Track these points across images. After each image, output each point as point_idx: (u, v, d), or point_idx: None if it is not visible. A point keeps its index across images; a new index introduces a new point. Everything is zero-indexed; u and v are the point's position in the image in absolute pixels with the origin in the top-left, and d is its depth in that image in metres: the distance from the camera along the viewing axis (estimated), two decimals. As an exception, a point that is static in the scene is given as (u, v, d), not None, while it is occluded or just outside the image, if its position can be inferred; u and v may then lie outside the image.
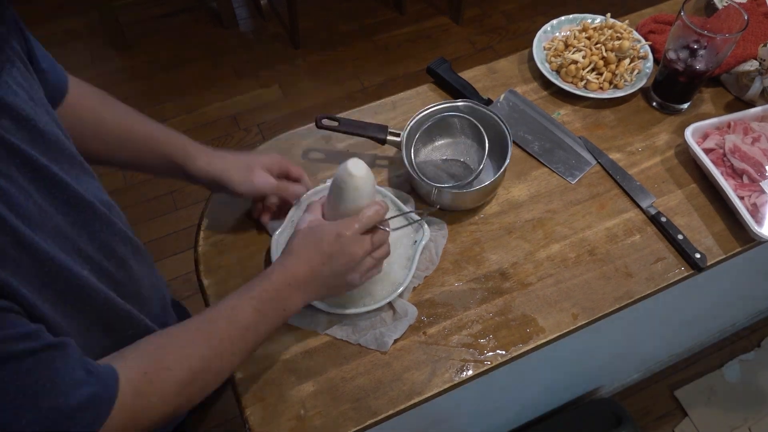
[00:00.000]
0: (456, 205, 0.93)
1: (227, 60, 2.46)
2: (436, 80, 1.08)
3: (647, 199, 0.95)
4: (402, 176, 0.97)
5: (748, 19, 0.91)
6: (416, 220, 0.87)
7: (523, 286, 0.87)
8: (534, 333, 0.83)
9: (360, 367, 0.80)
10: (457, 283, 0.87)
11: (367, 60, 2.47)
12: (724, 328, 1.75)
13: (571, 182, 0.98)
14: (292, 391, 0.78)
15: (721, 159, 0.95)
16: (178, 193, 2.07)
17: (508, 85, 1.09)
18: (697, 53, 0.96)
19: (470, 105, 0.95)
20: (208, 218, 0.93)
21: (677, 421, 1.65)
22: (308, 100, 2.34)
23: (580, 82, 1.06)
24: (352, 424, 0.75)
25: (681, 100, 1.05)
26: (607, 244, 0.91)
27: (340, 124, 0.93)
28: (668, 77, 1.02)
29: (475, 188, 0.87)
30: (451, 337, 0.82)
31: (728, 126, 0.99)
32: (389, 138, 0.93)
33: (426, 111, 0.94)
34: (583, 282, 0.87)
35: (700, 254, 0.88)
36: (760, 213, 0.90)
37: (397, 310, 0.83)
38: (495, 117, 0.93)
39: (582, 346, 1.10)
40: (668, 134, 1.03)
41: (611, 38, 1.09)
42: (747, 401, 1.68)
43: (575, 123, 1.05)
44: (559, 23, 1.15)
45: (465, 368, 0.80)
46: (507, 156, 0.90)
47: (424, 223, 0.86)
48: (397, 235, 0.85)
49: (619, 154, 1.01)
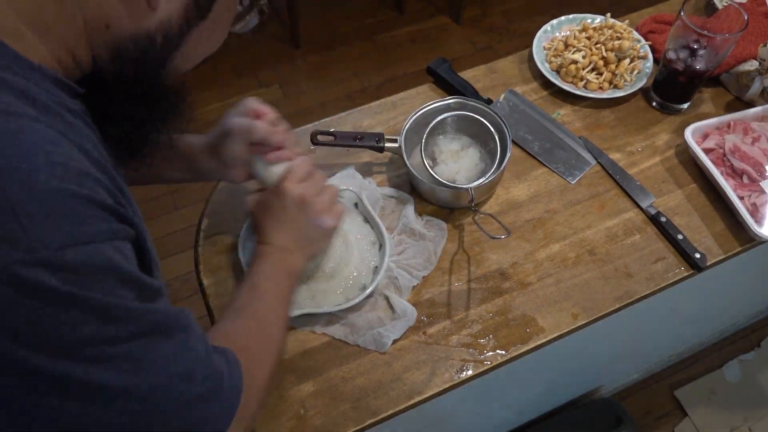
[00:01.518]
0: (455, 203, 0.93)
1: (227, 60, 2.46)
2: (436, 80, 1.08)
3: (647, 199, 0.95)
4: (402, 176, 0.97)
5: (748, 19, 0.91)
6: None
7: (523, 286, 0.87)
8: (534, 333, 0.83)
9: (360, 366, 0.80)
10: (457, 282, 0.87)
11: (367, 60, 2.47)
12: (724, 328, 1.75)
13: (571, 182, 0.98)
14: (292, 390, 0.78)
15: (721, 159, 0.95)
16: (178, 193, 2.07)
17: (508, 85, 1.09)
18: (697, 53, 0.96)
19: (468, 103, 0.95)
20: (208, 218, 0.93)
21: (677, 421, 1.65)
22: (308, 100, 2.34)
23: (580, 82, 1.06)
24: (352, 424, 0.75)
25: (681, 99, 1.05)
26: (607, 244, 0.91)
27: (336, 138, 0.93)
28: (668, 77, 1.02)
29: (474, 185, 0.87)
30: (451, 337, 0.82)
31: (728, 126, 0.99)
32: (387, 145, 0.93)
33: (423, 110, 0.94)
34: (583, 282, 0.87)
35: (700, 254, 0.88)
36: (759, 213, 0.90)
37: (396, 311, 0.83)
38: (493, 114, 0.93)
39: (582, 345, 1.10)
40: (668, 134, 1.03)
41: (611, 38, 1.09)
42: (747, 401, 1.68)
43: (575, 123, 1.05)
44: (559, 23, 1.15)
45: (465, 368, 0.80)
46: (507, 153, 0.90)
47: (387, 239, 0.86)
48: (355, 236, 0.87)
49: (618, 154, 1.01)
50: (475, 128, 0.94)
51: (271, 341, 0.67)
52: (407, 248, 0.89)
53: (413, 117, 0.94)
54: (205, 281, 0.87)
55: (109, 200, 0.46)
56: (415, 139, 0.94)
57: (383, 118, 1.05)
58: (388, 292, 0.85)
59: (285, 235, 0.74)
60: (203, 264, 0.89)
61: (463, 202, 0.91)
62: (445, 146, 0.96)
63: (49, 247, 0.39)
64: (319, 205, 0.75)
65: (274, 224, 0.75)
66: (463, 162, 0.94)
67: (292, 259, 0.74)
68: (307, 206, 0.74)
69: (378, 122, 1.04)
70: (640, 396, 1.69)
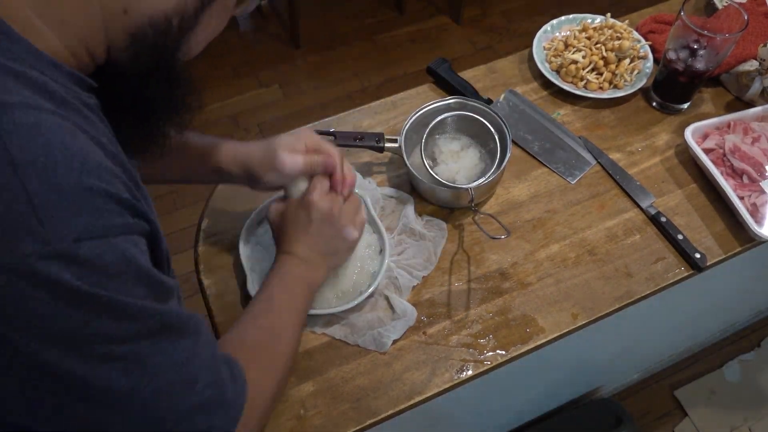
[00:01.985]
0: (455, 203, 0.93)
1: (227, 60, 2.46)
2: (436, 80, 1.08)
3: (647, 199, 0.95)
4: (402, 176, 0.97)
5: (748, 19, 0.91)
6: None
7: (523, 286, 0.87)
8: (534, 333, 0.83)
9: (360, 367, 0.79)
10: (457, 282, 0.87)
11: (367, 60, 2.47)
12: (724, 328, 1.75)
13: (571, 182, 0.98)
14: (292, 391, 0.78)
15: (721, 159, 0.95)
16: (178, 193, 2.07)
17: (508, 85, 1.09)
18: (697, 53, 0.96)
19: (468, 103, 0.95)
20: (208, 218, 0.93)
21: (677, 421, 1.65)
22: (308, 100, 2.34)
23: (580, 82, 1.06)
24: (352, 424, 0.75)
25: (681, 99, 1.05)
26: (606, 244, 0.91)
27: (336, 138, 0.93)
28: (668, 77, 1.02)
29: (474, 185, 0.87)
30: (451, 337, 0.82)
31: (728, 126, 0.98)
32: (387, 145, 0.93)
33: (423, 110, 0.94)
34: (583, 282, 0.87)
35: (700, 254, 0.88)
36: (759, 213, 0.90)
37: (396, 311, 0.83)
38: (493, 114, 0.93)
39: (582, 346, 1.10)
40: (668, 134, 1.03)
41: (611, 38, 1.09)
42: (747, 401, 1.68)
43: (575, 123, 1.05)
44: (559, 23, 1.15)
45: (465, 368, 0.80)
46: (507, 153, 0.90)
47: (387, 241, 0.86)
48: None
49: (618, 154, 1.01)
50: (476, 128, 0.94)
51: (280, 357, 0.66)
52: (407, 248, 0.89)
53: (413, 117, 0.94)
54: (205, 281, 0.87)
55: (126, 194, 0.46)
56: (415, 138, 0.94)
57: (383, 118, 1.05)
58: (388, 292, 0.85)
59: (309, 247, 0.73)
60: (203, 264, 0.89)
61: (463, 202, 0.91)
62: (445, 146, 0.96)
63: (64, 239, 0.40)
64: (344, 217, 0.75)
65: (299, 236, 0.73)
66: (463, 162, 0.94)
67: (315, 271, 0.74)
68: (334, 219, 0.74)
69: (378, 122, 1.04)
70: (640, 396, 1.69)
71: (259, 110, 2.30)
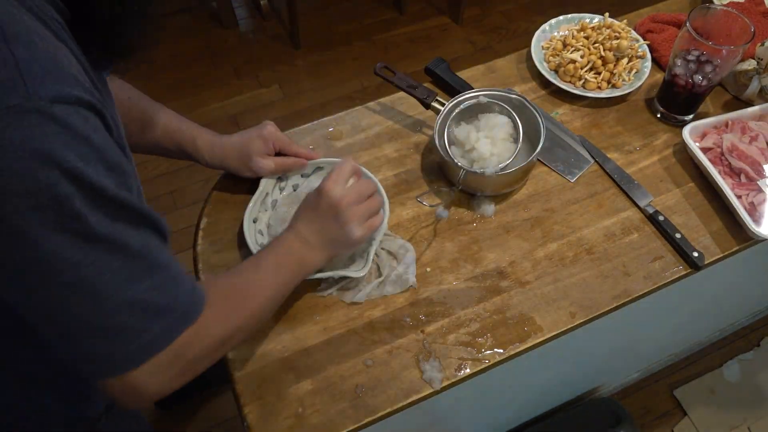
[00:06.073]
0: (481, 189, 0.94)
1: (227, 60, 2.46)
2: (435, 80, 1.09)
3: (645, 197, 0.95)
4: (431, 161, 0.99)
5: (755, 31, 0.91)
6: None
7: (521, 285, 0.87)
8: (532, 332, 0.83)
9: (358, 365, 0.80)
10: (455, 281, 0.87)
11: (367, 60, 2.47)
12: (724, 328, 1.75)
13: (570, 181, 0.98)
14: (290, 389, 0.78)
15: (718, 158, 0.95)
16: (178, 193, 2.08)
17: (507, 85, 1.09)
18: (703, 67, 0.95)
19: (504, 95, 0.96)
20: (207, 218, 0.94)
21: (676, 421, 1.65)
22: (308, 100, 2.34)
23: (579, 81, 1.07)
24: (351, 423, 0.75)
25: (686, 111, 1.04)
26: (605, 242, 0.91)
27: (395, 75, 1.00)
28: (674, 90, 1.00)
29: (505, 173, 0.88)
30: (449, 336, 0.82)
31: (726, 125, 0.99)
32: (433, 104, 0.97)
33: (468, 94, 0.96)
34: (581, 280, 0.87)
35: (698, 253, 0.88)
36: (757, 212, 0.90)
37: (396, 254, 0.87)
38: (527, 105, 0.94)
39: (580, 345, 1.11)
40: (666, 133, 1.03)
41: (609, 38, 1.09)
42: (746, 401, 1.68)
43: (574, 122, 1.05)
44: (558, 23, 1.15)
45: (463, 367, 0.80)
46: (539, 143, 0.91)
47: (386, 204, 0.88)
48: None
49: (617, 153, 1.01)
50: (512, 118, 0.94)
51: (242, 312, 0.67)
52: None
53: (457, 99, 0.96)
54: (204, 280, 0.88)
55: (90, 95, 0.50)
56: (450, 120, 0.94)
57: (383, 117, 1.05)
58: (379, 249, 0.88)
59: (312, 231, 0.75)
60: (202, 263, 0.89)
61: (489, 189, 0.94)
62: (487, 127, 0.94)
63: (42, 98, 0.45)
64: (352, 213, 0.75)
65: (306, 217, 0.76)
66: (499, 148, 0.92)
67: (310, 252, 0.75)
68: (341, 211, 0.75)
69: (377, 122, 1.05)
70: (639, 395, 1.69)
71: (259, 110, 2.30)
